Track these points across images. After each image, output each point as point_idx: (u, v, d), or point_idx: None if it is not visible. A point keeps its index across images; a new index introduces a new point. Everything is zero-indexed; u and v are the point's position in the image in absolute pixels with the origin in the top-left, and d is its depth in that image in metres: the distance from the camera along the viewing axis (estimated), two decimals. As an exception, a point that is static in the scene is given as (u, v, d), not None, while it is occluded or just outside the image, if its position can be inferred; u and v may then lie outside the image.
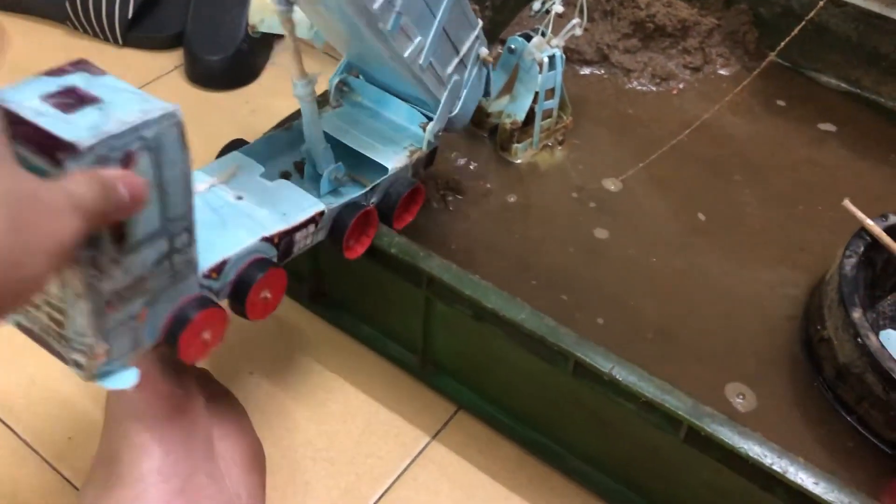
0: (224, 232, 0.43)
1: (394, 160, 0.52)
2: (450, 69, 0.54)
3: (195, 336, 0.39)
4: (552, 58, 0.64)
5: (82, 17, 0.82)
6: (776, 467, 0.40)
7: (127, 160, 0.31)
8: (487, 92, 0.61)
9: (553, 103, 0.68)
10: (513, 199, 0.65)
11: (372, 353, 0.58)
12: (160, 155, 0.33)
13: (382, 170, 0.52)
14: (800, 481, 0.40)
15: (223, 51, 0.78)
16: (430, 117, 0.54)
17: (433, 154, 0.57)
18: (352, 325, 0.59)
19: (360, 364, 0.58)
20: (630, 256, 0.62)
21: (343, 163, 0.52)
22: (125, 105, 0.32)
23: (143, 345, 0.38)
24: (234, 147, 0.51)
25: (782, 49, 0.71)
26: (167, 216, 0.35)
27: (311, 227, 0.47)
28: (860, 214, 0.56)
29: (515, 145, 0.68)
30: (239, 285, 0.42)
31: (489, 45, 0.58)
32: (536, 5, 0.64)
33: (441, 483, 0.52)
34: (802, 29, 0.68)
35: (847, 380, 0.52)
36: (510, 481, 0.52)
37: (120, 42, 0.83)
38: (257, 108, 0.77)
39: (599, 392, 0.45)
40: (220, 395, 0.50)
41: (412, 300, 0.52)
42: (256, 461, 0.49)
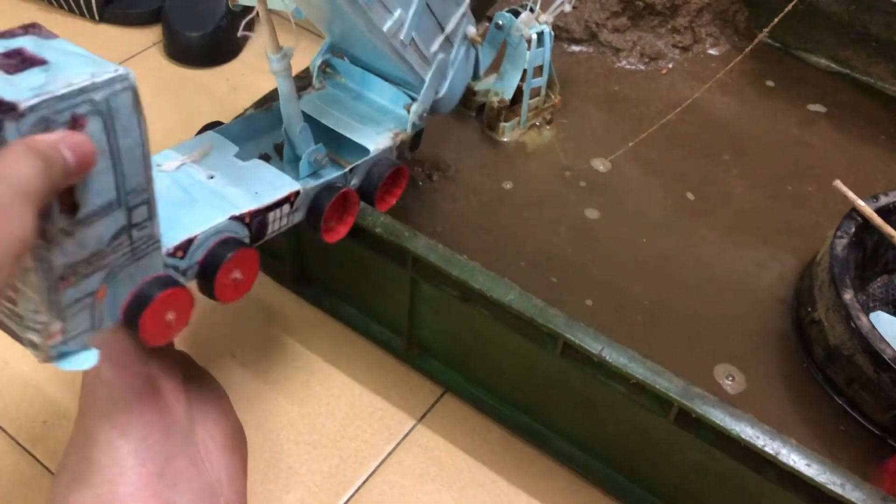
0: (192, 210, 0.42)
1: (376, 141, 0.51)
2: (434, 47, 0.52)
3: (158, 317, 0.38)
4: (541, 34, 0.63)
5: (58, -8, 0.80)
6: (769, 449, 0.40)
7: (73, 124, 0.29)
8: (476, 74, 0.59)
9: (541, 81, 0.67)
10: (500, 179, 0.64)
11: (356, 336, 0.57)
12: (112, 121, 0.31)
13: (365, 152, 0.50)
14: (792, 463, 0.39)
15: (203, 27, 0.77)
16: (415, 99, 0.53)
17: (419, 136, 0.55)
18: (335, 307, 0.58)
19: (343, 346, 0.56)
20: (620, 237, 0.61)
21: (325, 145, 0.50)
22: (74, 67, 0.30)
23: (104, 325, 0.36)
24: (211, 127, 0.49)
25: (772, 29, 0.70)
26: (124, 188, 0.33)
27: (286, 208, 0.45)
28: (851, 195, 0.56)
29: (503, 124, 0.67)
30: (206, 265, 0.41)
31: (477, 21, 0.57)
32: (524, -20, 0.63)
33: (427, 466, 0.51)
34: (793, 9, 0.67)
35: (837, 361, 0.51)
36: (497, 464, 0.51)
37: (96, 18, 0.81)
38: (238, 86, 0.75)
39: (588, 374, 0.44)
40: (199, 378, 0.49)
41: (397, 281, 0.51)
42: (237, 444, 0.48)
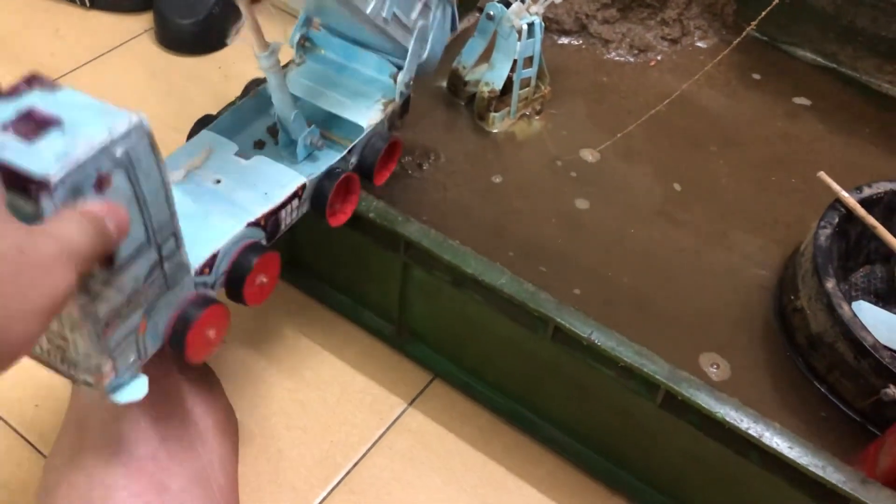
0: (208, 223, 0.42)
1: (368, 116, 0.51)
2: (414, 14, 0.52)
3: (201, 336, 0.39)
4: (531, 25, 0.64)
5: (48, -22, 0.79)
6: (752, 432, 0.41)
7: (101, 182, 0.29)
8: (454, 27, 0.58)
9: (531, 72, 0.67)
10: (489, 169, 0.65)
11: (347, 322, 0.57)
12: (134, 170, 0.31)
13: (357, 126, 0.51)
14: (775, 445, 0.40)
15: (195, 14, 0.76)
16: (399, 66, 0.53)
17: (407, 103, 0.56)
18: (327, 294, 0.58)
19: (334, 333, 0.57)
20: (608, 227, 0.62)
21: (317, 121, 0.51)
22: (88, 123, 0.29)
23: (149, 352, 0.37)
24: (202, 125, 0.50)
25: (759, 23, 0.71)
26: (152, 227, 0.33)
27: (295, 202, 0.46)
28: (835, 186, 0.57)
29: (493, 114, 0.67)
30: (234, 275, 0.42)
31: (468, 12, 0.57)
32: (516, -29, 0.63)
33: (416, 451, 0.51)
34: (780, 3, 0.68)
35: (819, 349, 0.52)
36: (486, 449, 0.52)
37: (87, 4, 0.80)
38: (230, 74, 0.75)
39: (578, 358, 0.45)
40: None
41: (389, 267, 0.51)
42: (229, 429, 0.49)
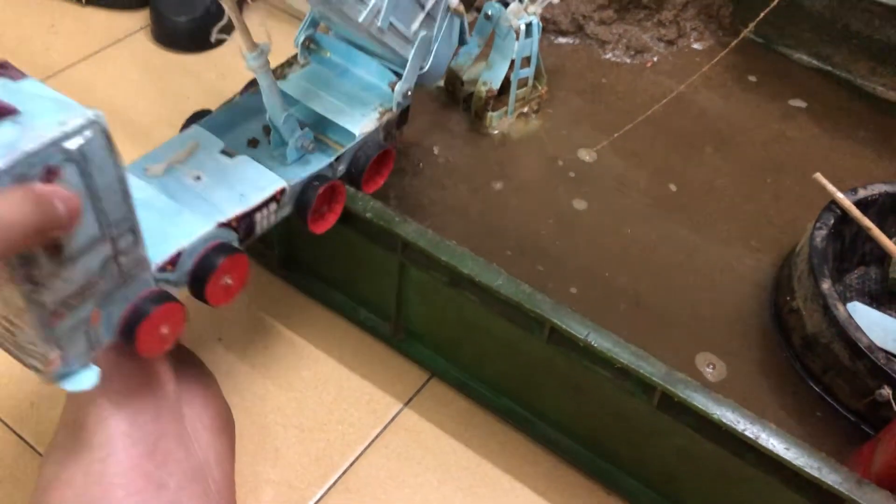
0: (180, 219, 0.42)
1: (362, 124, 0.51)
2: (415, 26, 0.51)
3: (153, 331, 0.39)
4: (529, 25, 0.64)
5: (43, -26, 0.79)
6: (748, 433, 0.41)
7: (48, 175, 0.30)
8: (463, 41, 0.58)
9: (529, 72, 0.67)
10: (487, 168, 0.65)
11: (343, 321, 0.57)
12: (87, 164, 0.31)
13: (351, 135, 0.51)
14: (771, 447, 0.40)
15: (191, 11, 0.76)
16: (400, 74, 0.53)
17: (406, 113, 0.55)
18: (323, 292, 0.58)
19: (331, 331, 0.57)
20: (605, 227, 0.62)
21: (312, 123, 0.50)
22: (45, 115, 0.30)
23: (101, 344, 0.37)
24: (197, 118, 0.49)
25: (756, 25, 0.71)
26: (106, 222, 0.33)
27: (273, 206, 0.46)
28: (831, 187, 0.57)
29: (490, 114, 0.67)
30: (197, 275, 0.41)
31: (466, 11, 0.57)
32: (514, -29, 0.63)
33: (413, 450, 0.51)
34: (776, 5, 0.68)
35: (815, 349, 0.52)
36: (482, 448, 0.52)
37: (83, 1, 0.80)
38: (226, 71, 0.75)
39: (574, 359, 0.45)
40: (188, 361, 0.49)
41: (386, 266, 0.51)
42: (225, 427, 0.49)
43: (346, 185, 0.50)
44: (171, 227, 0.41)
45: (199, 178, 0.45)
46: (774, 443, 0.41)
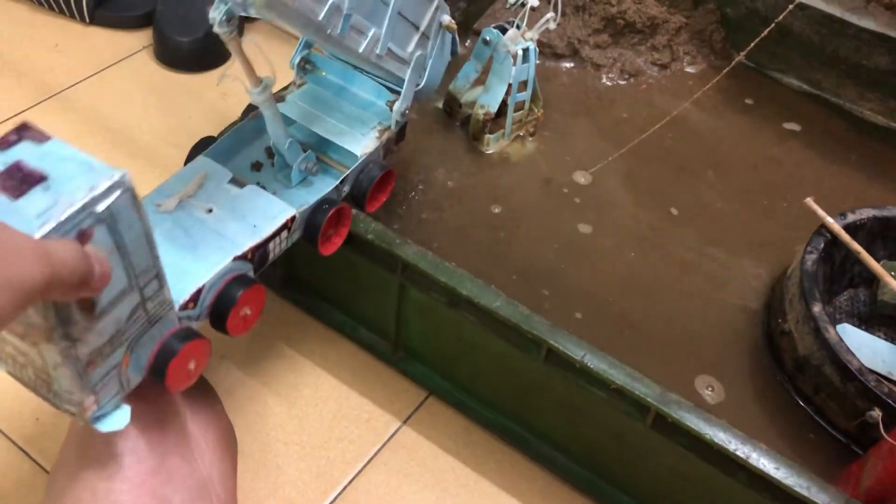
0: (196, 255, 0.43)
1: (363, 144, 0.52)
2: (411, 47, 0.52)
3: (181, 369, 0.40)
4: (526, 50, 0.65)
5: (48, -6, 0.80)
6: (739, 453, 0.42)
7: (82, 237, 0.31)
8: (454, 51, 0.59)
9: (525, 95, 0.69)
10: (485, 190, 0.66)
11: (344, 339, 0.58)
12: (116, 223, 0.32)
13: (353, 155, 0.52)
14: (761, 466, 0.41)
15: (194, 32, 0.78)
16: (397, 91, 0.54)
17: (403, 130, 0.57)
18: (324, 311, 0.59)
19: (331, 349, 0.58)
20: (608, 251, 0.63)
21: (313, 144, 0.51)
22: (73, 179, 0.31)
23: (131, 385, 0.38)
24: (202, 146, 0.50)
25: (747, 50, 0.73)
26: (134, 273, 0.35)
27: (284, 234, 0.47)
28: (821, 212, 0.58)
29: (488, 136, 0.69)
30: (218, 309, 0.43)
31: (464, 37, 0.58)
32: (512, -2, 0.65)
33: (411, 467, 0.52)
34: (767, 32, 0.70)
35: (806, 371, 0.54)
36: (479, 466, 0.53)
37: (87, 20, 0.81)
38: (228, 92, 0.76)
39: (570, 379, 0.46)
40: (192, 379, 0.50)
41: (386, 286, 0.52)
42: (228, 444, 0.50)
43: (351, 205, 0.51)
44: (190, 263, 0.42)
45: (210, 210, 0.46)
46: (765, 462, 0.42)
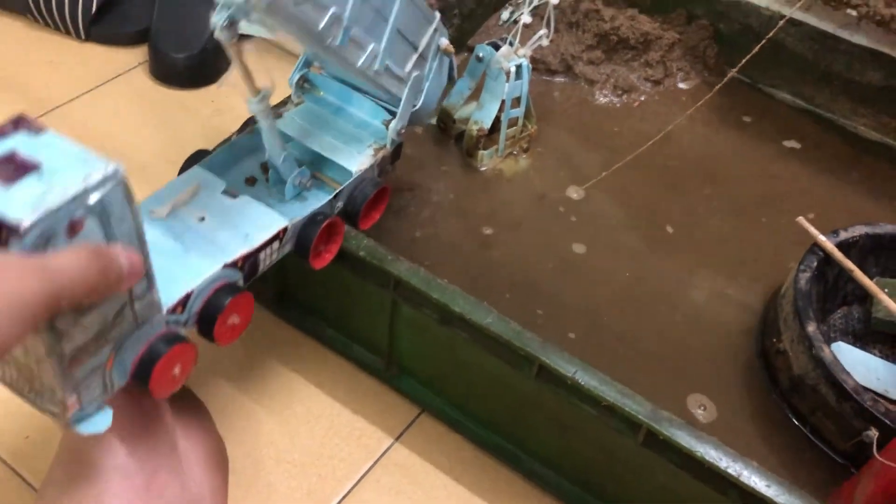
0: (186, 261, 0.43)
1: (358, 161, 0.52)
2: (408, 67, 0.53)
3: (166, 372, 0.40)
4: (519, 67, 0.65)
5: (44, 10, 0.81)
6: (731, 470, 0.42)
7: (73, 228, 0.31)
8: (451, 77, 0.60)
9: (518, 112, 0.69)
10: (479, 207, 0.66)
11: (336, 356, 0.58)
12: (107, 216, 0.32)
13: (348, 172, 0.52)
14: (753, 484, 0.41)
15: (189, 48, 0.78)
16: (393, 112, 0.54)
17: (399, 149, 0.57)
18: (316, 328, 0.59)
19: (323, 366, 0.58)
20: (603, 270, 0.63)
21: (308, 161, 0.52)
22: (67, 170, 0.31)
23: (115, 387, 0.38)
24: (196, 158, 0.51)
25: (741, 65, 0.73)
26: None
27: (276, 244, 0.47)
28: (813, 230, 0.58)
29: (481, 152, 0.69)
30: (205, 316, 0.43)
31: (458, 52, 0.58)
32: (505, 15, 0.65)
33: (403, 485, 0.52)
34: (761, 47, 0.70)
35: (802, 391, 0.54)
36: (472, 484, 0.52)
37: (83, 36, 0.82)
38: (222, 108, 0.77)
39: (562, 396, 0.46)
40: (183, 395, 0.50)
41: (378, 303, 0.52)
42: (219, 460, 0.49)
43: (345, 221, 0.51)
44: (179, 269, 0.42)
45: (203, 218, 0.46)
46: (756, 480, 0.42)
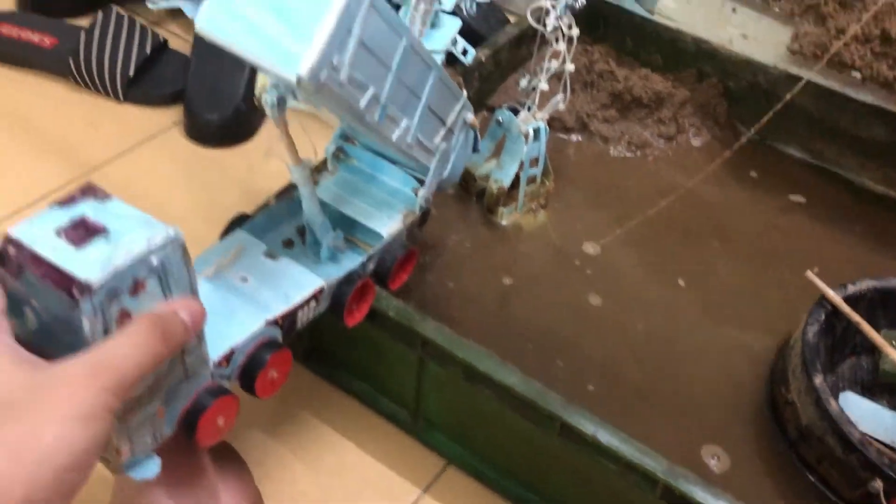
0: (232, 319, 0.46)
1: (388, 226, 0.56)
2: (437, 139, 0.56)
3: (211, 423, 0.43)
4: (537, 130, 0.69)
5: (84, 74, 0.85)
6: (745, 525, 0.44)
7: (136, 287, 0.34)
8: (476, 149, 0.63)
9: (537, 170, 0.72)
10: (501, 261, 0.69)
11: (366, 409, 0.61)
12: (166, 276, 0.35)
13: (378, 234, 0.55)
14: (766, 539, 0.44)
15: (222, 109, 0.82)
16: (422, 180, 0.57)
17: (426, 215, 0.60)
18: (346, 381, 0.62)
19: (353, 419, 0.60)
20: (619, 322, 0.66)
21: (342, 225, 0.55)
22: (131, 232, 0.34)
23: (164, 435, 0.41)
24: (238, 222, 0.54)
25: (749, 121, 0.76)
26: None
27: (313, 304, 0.50)
28: (821, 284, 0.61)
29: (501, 208, 0.72)
30: (247, 370, 0.46)
31: (477, 110, 0.61)
32: (523, 83, 0.69)
33: (431, 535, 0.54)
34: (769, 104, 0.73)
35: (809, 441, 0.56)
36: (496, 534, 0.55)
37: (121, 98, 0.86)
38: (256, 167, 0.80)
39: (583, 452, 0.48)
40: (222, 448, 0.52)
41: (406, 360, 0.55)
42: (257, 512, 0.52)
43: (375, 282, 0.54)
44: (224, 326, 0.45)
45: (245, 279, 0.49)
46: (770, 535, 0.44)
